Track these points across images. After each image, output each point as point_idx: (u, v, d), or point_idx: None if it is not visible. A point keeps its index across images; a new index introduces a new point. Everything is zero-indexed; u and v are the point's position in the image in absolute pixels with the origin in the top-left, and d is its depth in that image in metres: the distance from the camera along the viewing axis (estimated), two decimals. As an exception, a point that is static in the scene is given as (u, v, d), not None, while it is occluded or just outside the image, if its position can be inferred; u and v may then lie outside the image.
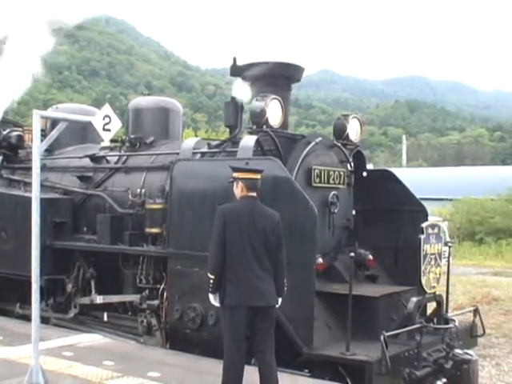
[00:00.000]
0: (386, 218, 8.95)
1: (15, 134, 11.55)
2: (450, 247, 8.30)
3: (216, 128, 56.04)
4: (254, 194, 5.79)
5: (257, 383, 5.65)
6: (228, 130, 8.78)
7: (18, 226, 9.59)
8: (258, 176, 5.83)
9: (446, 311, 8.02)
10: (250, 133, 8.04)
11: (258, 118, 7.90)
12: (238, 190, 5.80)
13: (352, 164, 8.99)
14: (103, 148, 10.21)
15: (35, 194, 6.07)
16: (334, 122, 9.38)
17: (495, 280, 20.15)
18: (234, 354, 5.58)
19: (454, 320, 7.84)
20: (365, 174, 9.26)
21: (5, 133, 11.52)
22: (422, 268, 7.25)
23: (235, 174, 5.82)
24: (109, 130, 6.37)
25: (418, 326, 7.12)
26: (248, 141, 7.77)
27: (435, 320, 7.77)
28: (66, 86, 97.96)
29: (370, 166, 10.67)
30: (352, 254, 7.10)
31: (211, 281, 5.63)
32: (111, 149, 10.07)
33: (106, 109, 6.38)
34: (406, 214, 8.85)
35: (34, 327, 6.05)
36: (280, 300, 5.83)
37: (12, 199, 10.05)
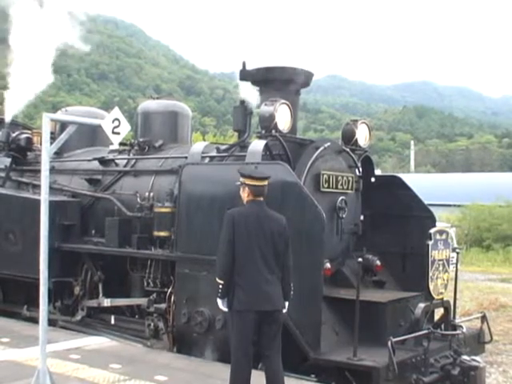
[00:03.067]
0: (394, 223, 8.94)
1: (24, 136, 11.58)
2: (457, 253, 8.28)
3: (224, 132, 56.12)
4: (261, 199, 5.80)
5: (263, 388, 5.65)
6: (236, 134, 8.79)
7: (27, 228, 9.60)
8: (265, 183, 5.82)
9: (454, 317, 7.99)
10: (259, 137, 8.05)
11: (267, 123, 7.90)
12: (245, 195, 5.83)
13: (360, 169, 8.99)
14: (112, 151, 10.22)
15: (44, 197, 6.08)
16: (342, 127, 9.38)
17: (503, 286, 20.08)
18: (241, 359, 5.58)
19: (461, 326, 7.82)
20: (373, 179, 9.25)
21: (14, 135, 11.56)
22: (430, 274, 7.23)
23: (242, 179, 5.83)
24: (118, 133, 6.37)
25: (425, 331, 7.11)
26: (257, 145, 7.78)
27: (443, 326, 7.75)
28: (75, 89, 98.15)
29: (378, 172, 10.66)
30: (360, 260, 7.09)
31: (220, 286, 5.62)
32: (120, 152, 10.10)
33: (116, 112, 6.38)
34: (414, 220, 8.84)
35: (41, 329, 6.05)
36: (287, 304, 5.83)
37: (20, 201, 10.07)
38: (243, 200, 5.87)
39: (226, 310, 5.71)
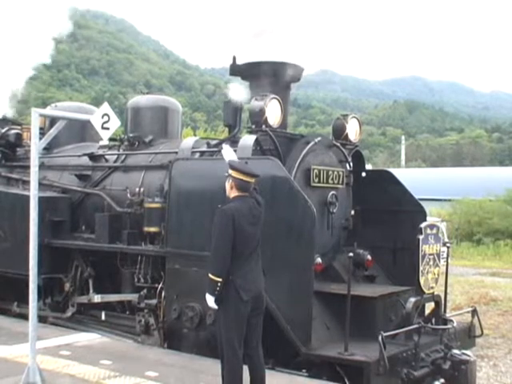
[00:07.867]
0: (385, 218, 8.93)
1: (13, 132, 11.52)
2: (448, 248, 8.29)
3: (215, 127, 55.97)
4: (247, 194, 5.77)
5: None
6: (227, 129, 8.76)
7: (16, 225, 9.55)
8: (251, 180, 5.77)
9: (444, 312, 8.01)
10: (249, 132, 8.02)
11: (257, 118, 7.88)
12: (228, 187, 5.80)
13: (351, 164, 8.99)
14: (102, 147, 10.19)
15: (33, 193, 6.05)
16: (333, 122, 9.37)
17: (493, 281, 20.13)
18: (238, 352, 5.55)
19: (452, 320, 7.83)
20: (364, 174, 9.25)
21: (3, 131, 11.51)
22: (421, 268, 7.24)
23: (230, 171, 5.79)
24: (107, 129, 6.34)
25: (416, 326, 7.11)
26: (247, 140, 7.76)
27: (433, 320, 7.77)
28: (65, 85, 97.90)
29: (368, 167, 10.66)
30: (351, 254, 7.08)
31: (219, 284, 5.48)
32: (110, 147, 10.06)
33: (105, 107, 6.35)
34: (405, 215, 8.84)
35: (31, 326, 6.03)
36: None
37: (10, 197, 10.01)
38: (227, 192, 5.83)
39: (216, 307, 5.65)
